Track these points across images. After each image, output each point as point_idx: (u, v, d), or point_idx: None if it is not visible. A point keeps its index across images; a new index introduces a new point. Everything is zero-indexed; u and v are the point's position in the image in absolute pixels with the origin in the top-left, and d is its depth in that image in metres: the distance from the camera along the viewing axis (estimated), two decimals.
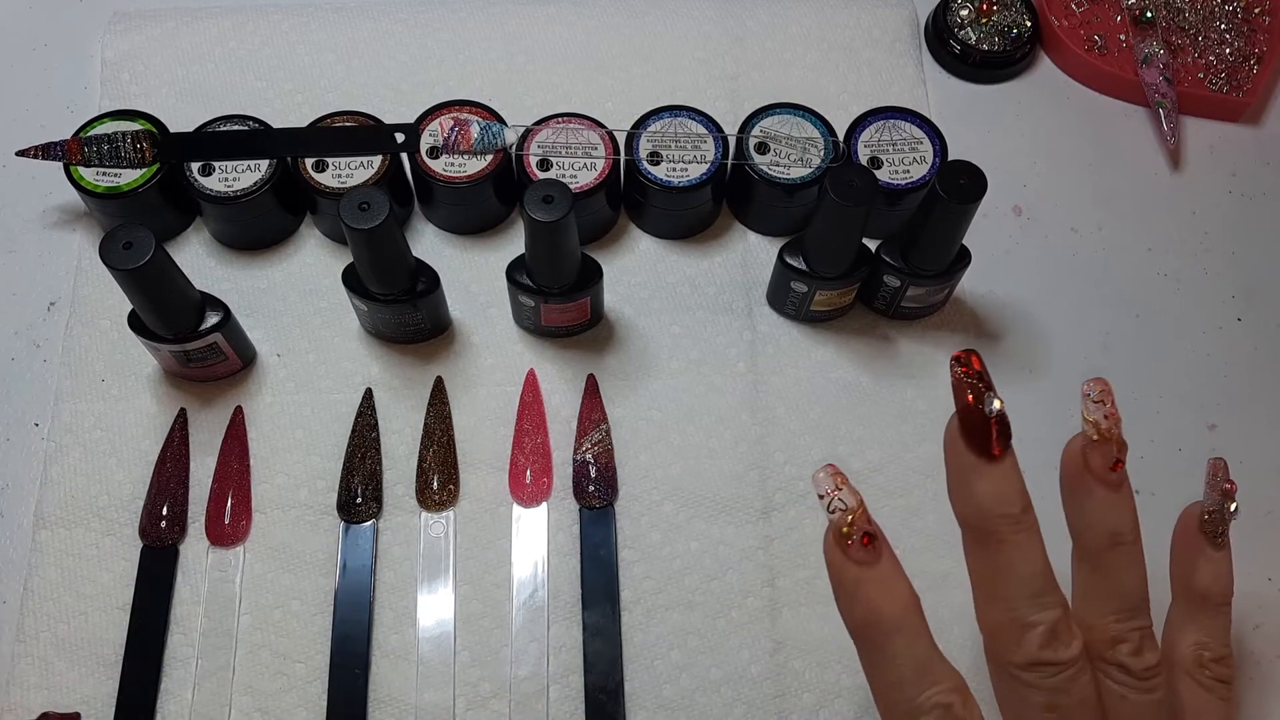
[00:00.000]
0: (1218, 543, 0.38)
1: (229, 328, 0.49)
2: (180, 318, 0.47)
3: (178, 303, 0.47)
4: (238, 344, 0.50)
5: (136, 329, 0.48)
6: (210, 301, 0.48)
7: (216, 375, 0.51)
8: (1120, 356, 0.55)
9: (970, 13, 0.62)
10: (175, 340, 0.48)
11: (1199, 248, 0.58)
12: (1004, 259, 0.57)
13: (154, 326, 0.47)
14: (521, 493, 0.50)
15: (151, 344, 0.48)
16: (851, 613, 0.34)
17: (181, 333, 0.48)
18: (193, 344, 0.48)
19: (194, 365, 0.49)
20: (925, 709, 0.33)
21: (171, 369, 0.51)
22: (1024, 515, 0.34)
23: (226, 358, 0.50)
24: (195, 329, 0.48)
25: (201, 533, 0.49)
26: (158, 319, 0.47)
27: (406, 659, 0.47)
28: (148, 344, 0.48)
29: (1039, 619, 0.33)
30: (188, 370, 0.50)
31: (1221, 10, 0.62)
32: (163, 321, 0.47)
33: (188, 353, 0.48)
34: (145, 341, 0.48)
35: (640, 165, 0.53)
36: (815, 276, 0.50)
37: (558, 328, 0.53)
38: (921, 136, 0.55)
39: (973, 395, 0.34)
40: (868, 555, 0.34)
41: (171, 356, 0.49)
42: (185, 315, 0.47)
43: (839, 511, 0.34)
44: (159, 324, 0.47)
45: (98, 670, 0.46)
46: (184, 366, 0.50)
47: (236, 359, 0.51)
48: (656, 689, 0.47)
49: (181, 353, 0.48)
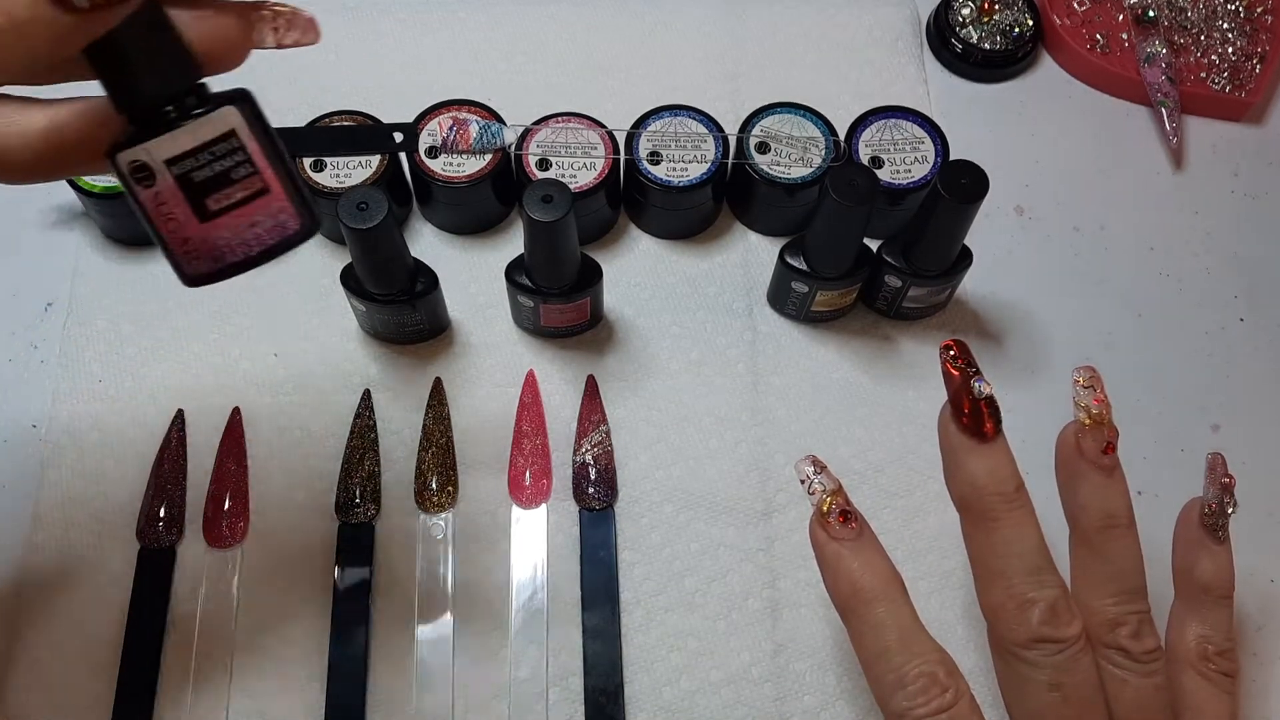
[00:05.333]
0: (1219, 537, 0.39)
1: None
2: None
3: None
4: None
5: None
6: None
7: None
8: (1122, 357, 0.55)
9: (972, 12, 0.62)
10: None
11: (1201, 248, 0.58)
12: (1006, 259, 0.57)
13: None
14: (521, 494, 0.50)
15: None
16: (836, 587, 0.37)
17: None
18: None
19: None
20: (911, 678, 0.34)
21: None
22: (1018, 494, 0.36)
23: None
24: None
25: (199, 534, 0.49)
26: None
27: (405, 661, 0.47)
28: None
29: (1038, 596, 0.35)
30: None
31: (1224, 9, 0.62)
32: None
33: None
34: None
35: (640, 165, 0.53)
36: (816, 276, 0.50)
37: (557, 328, 0.53)
38: (923, 136, 0.55)
39: (962, 378, 0.36)
40: (846, 531, 0.36)
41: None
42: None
43: (818, 493, 0.37)
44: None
45: (96, 672, 0.46)
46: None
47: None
48: (656, 691, 0.47)
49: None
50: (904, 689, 0.34)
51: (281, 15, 0.29)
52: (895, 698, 0.35)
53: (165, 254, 0.29)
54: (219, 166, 0.28)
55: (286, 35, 0.30)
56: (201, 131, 0.27)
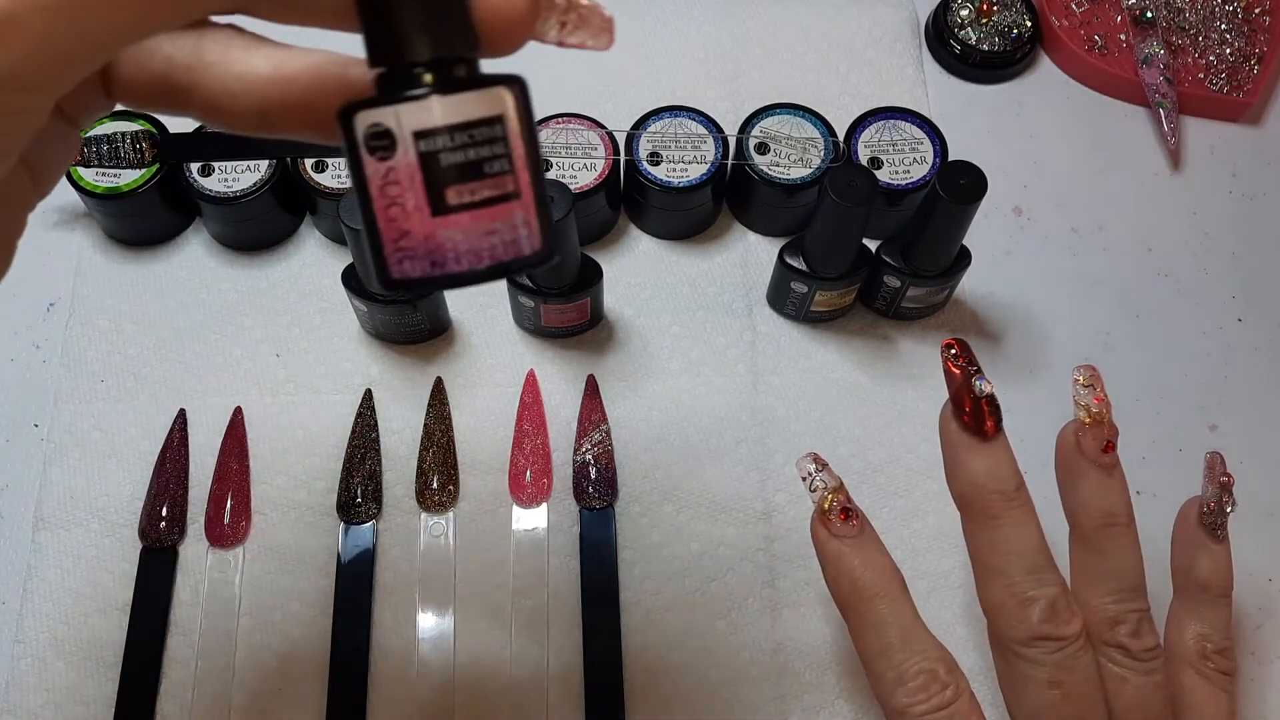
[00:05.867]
0: (1217, 536, 0.39)
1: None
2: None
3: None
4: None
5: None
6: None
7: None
8: (1121, 357, 0.55)
9: (970, 13, 0.62)
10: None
11: (1199, 248, 0.58)
12: (1004, 259, 0.57)
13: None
14: (521, 493, 0.50)
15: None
16: (837, 583, 0.37)
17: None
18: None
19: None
20: (911, 675, 0.35)
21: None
22: (1018, 492, 0.36)
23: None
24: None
25: (201, 534, 0.49)
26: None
27: (406, 660, 0.47)
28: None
29: (1038, 594, 0.35)
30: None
31: (1222, 10, 0.62)
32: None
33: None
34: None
35: (640, 165, 0.53)
36: (815, 277, 0.50)
37: (558, 328, 0.53)
38: (922, 137, 0.55)
39: (963, 376, 0.36)
40: (847, 529, 0.37)
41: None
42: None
43: (819, 490, 0.37)
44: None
45: (97, 671, 0.46)
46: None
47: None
48: (656, 690, 0.47)
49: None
50: (904, 686, 0.34)
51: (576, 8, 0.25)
52: (895, 695, 0.35)
53: (369, 244, 0.24)
54: (473, 154, 0.23)
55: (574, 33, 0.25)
56: (467, 108, 0.23)
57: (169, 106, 0.25)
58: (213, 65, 0.24)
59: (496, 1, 0.23)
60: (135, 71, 0.25)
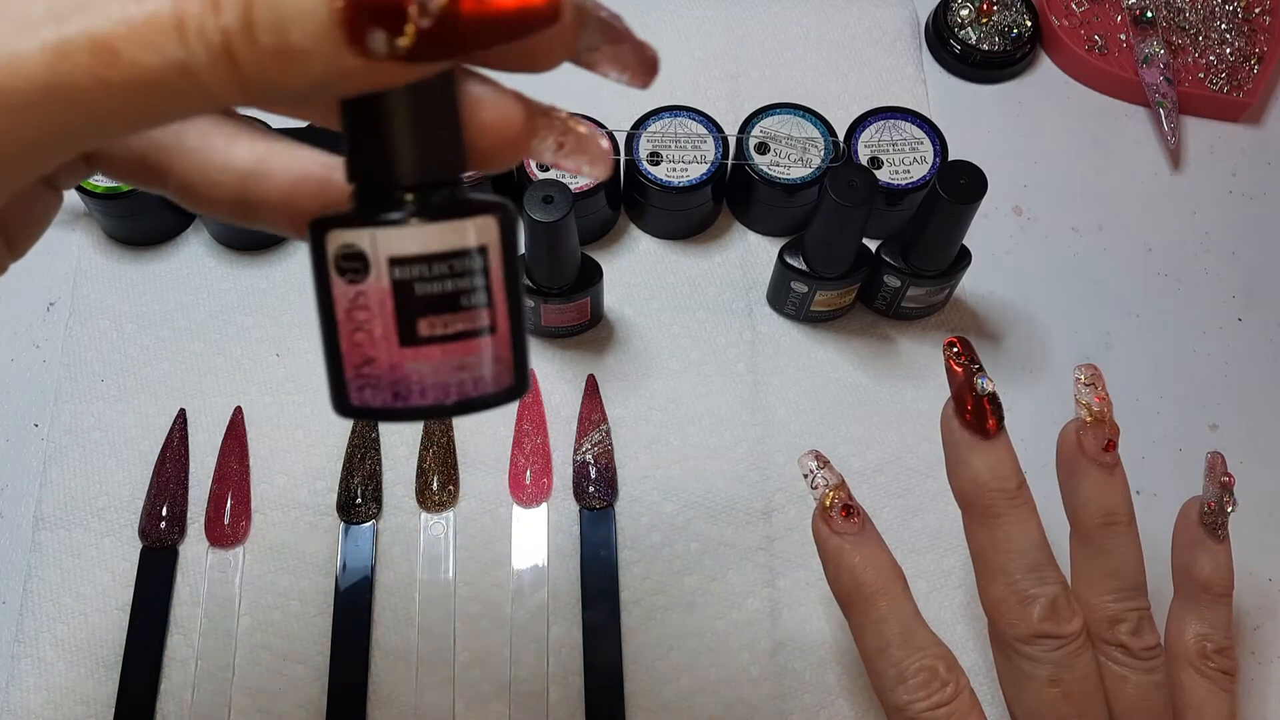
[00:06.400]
0: (1218, 536, 0.39)
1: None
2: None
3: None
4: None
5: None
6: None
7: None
8: (1121, 357, 0.55)
9: (970, 13, 0.62)
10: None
11: (1199, 248, 0.58)
12: (1004, 259, 0.57)
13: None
14: (521, 493, 0.50)
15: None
16: (838, 581, 0.37)
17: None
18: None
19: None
20: (911, 672, 0.35)
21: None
22: (1019, 491, 0.36)
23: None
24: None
25: (201, 533, 0.49)
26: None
27: (406, 659, 0.47)
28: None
29: (1039, 592, 0.35)
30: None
31: (1222, 10, 0.62)
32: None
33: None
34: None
35: (640, 165, 0.53)
36: (815, 276, 0.50)
37: (558, 328, 0.53)
38: (922, 136, 0.55)
39: (965, 374, 0.36)
40: (849, 526, 0.37)
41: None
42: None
43: (821, 487, 0.37)
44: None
45: (97, 671, 0.46)
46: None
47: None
48: (656, 690, 0.47)
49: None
50: (904, 683, 0.35)
51: (573, 132, 0.24)
52: (896, 692, 0.35)
53: (329, 369, 0.22)
54: (450, 285, 0.21)
55: (570, 156, 0.24)
56: (449, 237, 0.21)
57: (146, 184, 0.25)
58: (193, 151, 0.24)
59: (490, 119, 0.22)
60: (114, 148, 0.24)
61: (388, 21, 0.18)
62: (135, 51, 0.18)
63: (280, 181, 0.24)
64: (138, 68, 0.18)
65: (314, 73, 0.18)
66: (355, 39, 0.18)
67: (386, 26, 0.18)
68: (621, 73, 0.24)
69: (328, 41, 0.18)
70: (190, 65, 0.18)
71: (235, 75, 0.18)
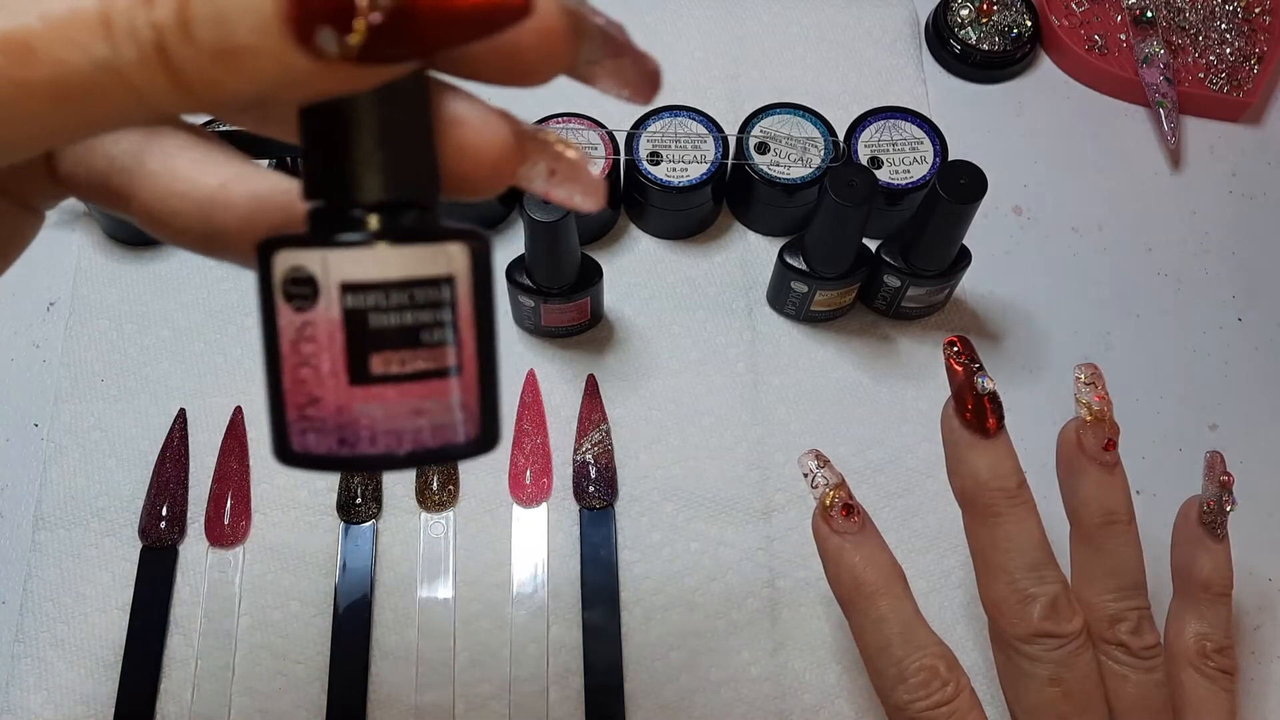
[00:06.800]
0: (1217, 535, 0.39)
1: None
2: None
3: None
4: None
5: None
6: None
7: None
8: (1120, 356, 0.55)
9: (970, 12, 0.62)
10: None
11: (1199, 248, 0.58)
12: (1004, 259, 0.57)
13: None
14: (521, 493, 0.50)
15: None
16: (838, 580, 0.37)
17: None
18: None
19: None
20: (912, 671, 0.35)
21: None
22: (1020, 490, 0.36)
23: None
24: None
25: (201, 533, 0.49)
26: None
27: (406, 660, 0.47)
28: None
29: (1039, 591, 0.35)
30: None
31: (1222, 10, 0.62)
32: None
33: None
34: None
35: (640, 165, 0.53)
36: (815, 276, 0.50)
37: (558, 328, 0.53)
38: (922, 136, 0.55)
39: (965, 374, 0.36)
40: (849, 525, 0.37)
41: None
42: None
43: (821, 487, 0.37)
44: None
45: (97, 671, 0.46)
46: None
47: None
48: (656, 690, 0.47)
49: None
50: (905, 682, 0.35)
51: (564, 160, 0.22)
52: (896, 691, 0.35)
53: (270, 408, 0.19)
54: (410, 318, 0.19)
55: (560, 186, 0.22)
56: (411, 263, 0.19)
57: (110, 207, 0.22)
58: (154, 175, 0.21)
59: (472, 140, 0.20)
60: (73, 166, 0.22)
61: (337, 17, 0.16)
62: (55, 50, 0.16)
63: (240, 208, 0.21)
64: (59, 67, 0.16)
65: (260, 75, 0.16)
66: (302, 36, 0.16)
67: (335, 23, 0.16)
68: (621, 88, 0.22)
69: (273, 39, 0.16)
70: (117, 65, 0.16)
71: (170, 77, 0.16)
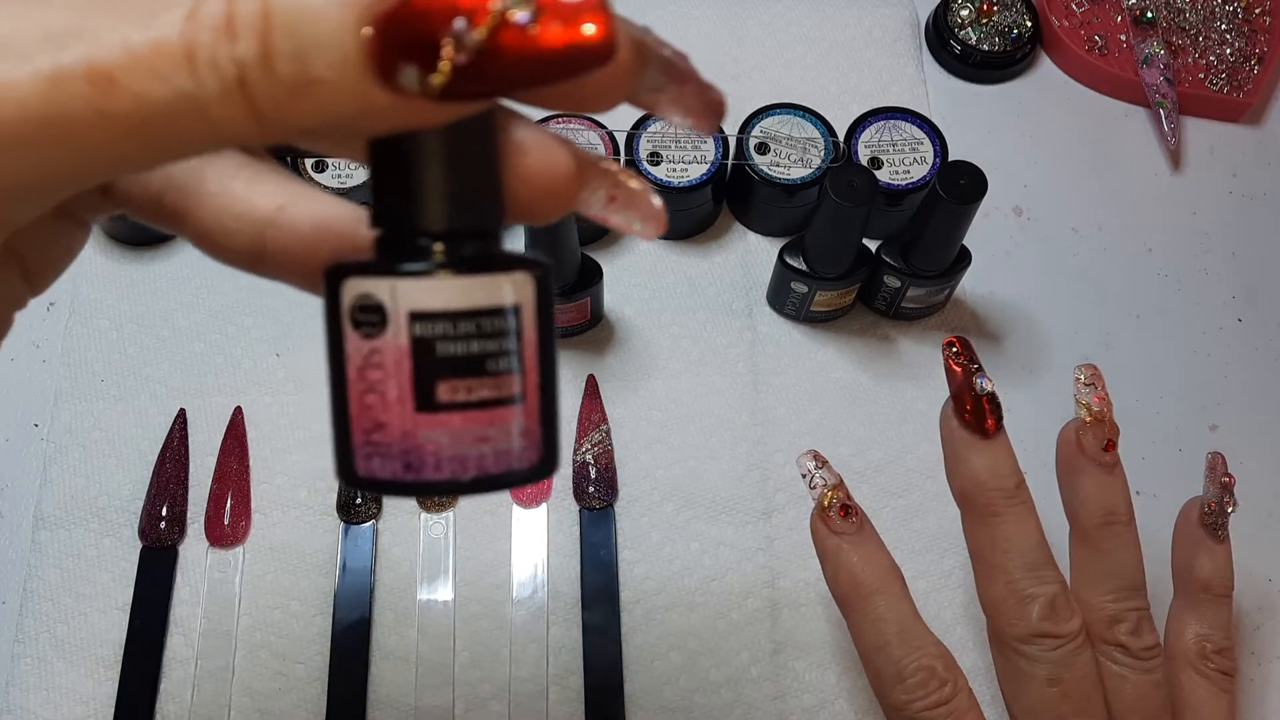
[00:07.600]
0: (1218, 536, 0.39)
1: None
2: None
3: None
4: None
5: None
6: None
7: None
8: (1121, 357, 0.55)
9: (971, 13, 0.62)
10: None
11: (1199, 248, 0.58)
12: (1004, 259, 0.57)
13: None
14: (521, 493, 0.50)
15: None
16: (836, 580, 0.37)
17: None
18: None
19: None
20: (910, 671, 0.35)
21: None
22: (1018, 490, 0.36)
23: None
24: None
25: (201, 533, 0.49)
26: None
27: (406, 660, 0.47)
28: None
29: (1038, 591, 0.35)
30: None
31: (1222, 10, 0.62)
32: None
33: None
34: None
35: (641, 165, 0.53)
36: (815, 277, 0.50)
37: (558, 328, 0.53)
38: (922, 137, 0.55)
39: (964, 374, 0.36)
40: (847, 525, 0.37)
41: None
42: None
43: (819, 487, 0.38)
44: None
45: (97, 671, 0.46)
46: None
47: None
48: (656, 690, 0.47)
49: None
50: (903, 682, 0.35)
51: (623, 187, 0.21)
52: (894, 691, 0.35)
53: (335, 432, 0.20)
54: (476, 347, 0.19)
55: (619, 212, 0.22)
56: (478, 293, 0.19)
57: (164, 226, 0.23)
58: (211, 196, 0.22)
59: (534, 167, 0.20)
60: (130, 184, 0.23)
61: (421, 56, 0.16)
62: (138, 82, 0.16)
63: (303, 235, 0.22)
64: (140, 99, 0.16)
65: (336, 108, 0.17)
66: (385, 73, 0.16)
67: (419, 61, 0.16)
68: (685, 117, 0.22)
69: (353, 74, 0.16)
70: (199, 97, 0.16)
71: (249, 109, 0.17)
